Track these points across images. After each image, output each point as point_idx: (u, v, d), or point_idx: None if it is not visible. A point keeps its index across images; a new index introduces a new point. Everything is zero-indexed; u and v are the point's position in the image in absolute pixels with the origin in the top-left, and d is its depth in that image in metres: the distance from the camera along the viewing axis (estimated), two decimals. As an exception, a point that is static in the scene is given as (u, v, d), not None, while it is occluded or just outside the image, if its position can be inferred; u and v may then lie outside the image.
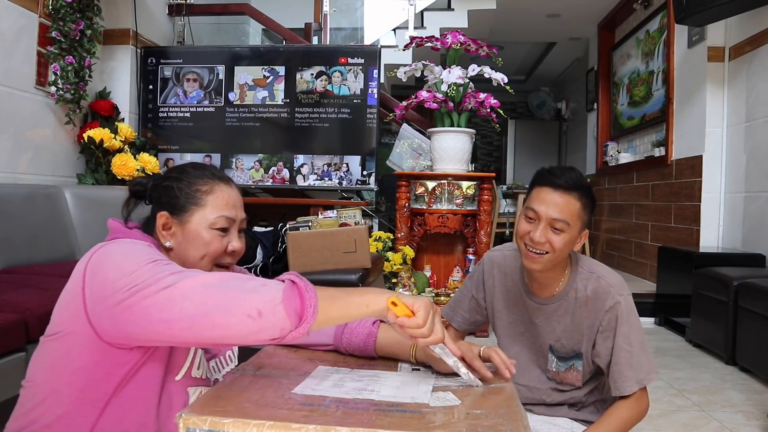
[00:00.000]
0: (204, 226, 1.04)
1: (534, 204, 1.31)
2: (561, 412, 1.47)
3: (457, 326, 1.59)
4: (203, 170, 1.08)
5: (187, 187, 1.05)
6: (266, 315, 0.79)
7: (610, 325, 1.35)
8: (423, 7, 5.12)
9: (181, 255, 1.05)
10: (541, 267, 1.32)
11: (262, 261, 2.76)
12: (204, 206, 1.05)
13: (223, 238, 1.06)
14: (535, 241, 1.29)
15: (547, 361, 1.44)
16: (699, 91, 4.06)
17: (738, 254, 3.60)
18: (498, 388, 0.94)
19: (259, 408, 0.79)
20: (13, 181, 2.98)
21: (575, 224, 1.29)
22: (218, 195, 1.06)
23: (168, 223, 1.05)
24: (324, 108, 3.95)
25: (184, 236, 1.04)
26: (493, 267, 1.51)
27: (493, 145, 9.60)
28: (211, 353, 1.12)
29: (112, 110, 3.72)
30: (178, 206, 1.05)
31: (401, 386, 0.93)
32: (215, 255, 1.05)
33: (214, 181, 1.07)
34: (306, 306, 0.80)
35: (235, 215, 1.07)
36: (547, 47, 7.48)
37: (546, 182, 1.31)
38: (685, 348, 3.46)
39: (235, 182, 1.13)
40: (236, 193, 1.10)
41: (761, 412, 2.37)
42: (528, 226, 1.31)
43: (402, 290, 3.73)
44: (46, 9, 3.20)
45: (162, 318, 0.81)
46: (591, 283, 1.38)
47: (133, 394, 0.94)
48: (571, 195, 1.28)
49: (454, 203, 3.74)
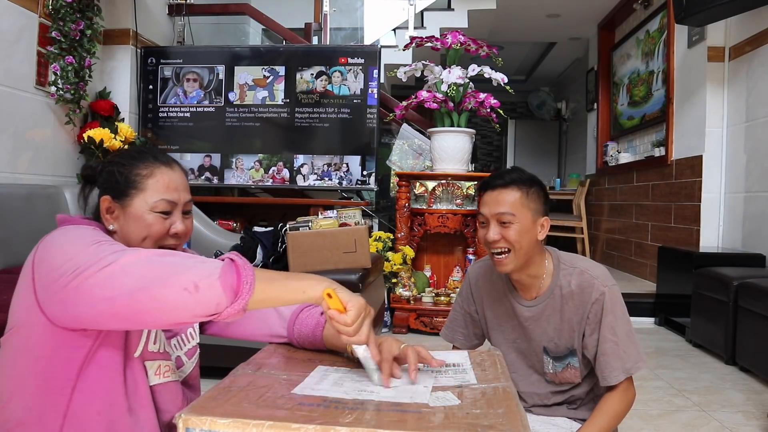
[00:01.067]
0: (145, 209, 1.05)
1: (481, 208, 1.39)
2: (560, 412, 1.47)
3: (461, 346, 1.59)
4: (144, 154, 1.10)
5: (128, 172, 1.07)
6: (203, 289, 0.80)
7: (596, 317, 1.36)
8: (423, 7, 5.12)
9: (124, 238, 1.06)
10: (511, 267, 1.36)
11: (262, 261, 2.76)
12: (144, 190, 1.06)
13: (165, 221, 1.07)
14: (490, 241, 1.35)
15: (543, 364, 1.44)
16: (699, 91, 4.06)
17: (738, 254, 3.60)
18: (497, 388, 0.94)
19: (259, 408, 0.79)
20: (13, 181, 2.98)
21: (521, 213, 1.34)
22: (158, 178, 1.07)
23: (111, 207, 1.07)
24: (324, 108, 3.95)
25: (126, 219, 1.06)
26: (478, 278, 1.54)
27: (493, 145, 9.60)
28: (172, 332, 1.14)
29: (112, 110, 3.72)
30: (120, 190, 1.07)
31: (401, 386, 0.93)
32: (157, 237, 1.06)
33: (155, 165, 1.08)
34: (242, 283, 0.82)
35: (177, 198, 1.08)
36: (547, 47, 7.48)
37: (485, 187, 1.40)
38: (685, 348, 3.46)
39: (180, 164, 1.14)
40: (179, 176, 1.11)
41: (761, 412, 2.37)
42: (483, 230, 1.39)
43: (402, 290, 3.73)
44: (46, 9, 3.20)
45: (104, 296, 0.82)
46: (575, 277, 1.39)
47: (96, 376, 0.96)
48: (509, 188, 1.36)
49: (454, 203, 3.74)
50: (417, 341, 3.53)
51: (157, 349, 1.05)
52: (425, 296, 3.72)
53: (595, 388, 1.48)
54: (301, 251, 2.69)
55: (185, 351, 1.15)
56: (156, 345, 1.05)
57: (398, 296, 3.71)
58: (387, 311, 3.69)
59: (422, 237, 3.90)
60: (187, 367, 1.15)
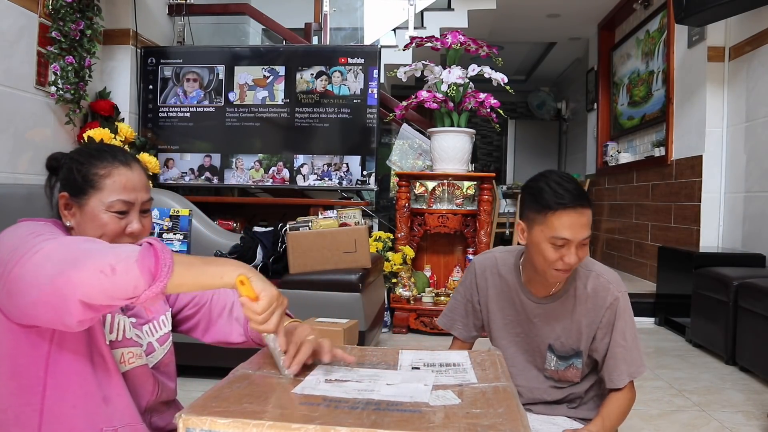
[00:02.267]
0: (101, 208, 1.06)
1: (561, 232, 1.26)
2: (560, 411, 1.47)
3: (460, 335, 1.58)
4: (103, 153, 1.10)
5: (85, 170, 1.07)
6: (120, 272, 0.81)
7: (609, 321, 1.38)
8: (423, 7, 5.12)
9: (81, 235, 1.07)
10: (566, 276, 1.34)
11: (262, 261, 2.76)
12: (101, 189, 1.06)
13: (121, 220, 1.07)
14: (572, 264, 1.28)
15: (545, 361, 1.44)
16: (699, 91, 4.06)
17: (738, 254, 3.60)
18: (498, 388, 0.94)
19: (259, 408, 0.79)
20: (13, 181, 2.98)
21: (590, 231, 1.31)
22: (116, 179, 1.07)
23: (68, 204, 1.08)
24: (324, 108, 3.95)
25: (83, 217, 1.07)
26: (485, 270, 1.52)
27: (493, 145, 9.60)
28: (144, 318, 1.15)
29: (112, 110, 3.72)
30: (77, 188, 1.07)
31: (401, 385, 0.93)
32: (112, 236, 1.06)
33: (113, 165, 1.08)
34: (160, 266, 0.82)
35: (134, 198, 1.09)
36: (547, 47, 7.48)
37: (567, 206, 1.26)
38: (685, 348, 3.46)
39: (140, 163, 1.14)
40: (137, 175, 1.11)
41: (761, 412, 2.37)
42: (557, 252, 1.28)
43: (402, 290, 3.73)
44: (46, 9, 3.20)
45: (33, 283, 0.83)
46: (591, 281, 1.39)
47: (65, 370, 0.96)
48: (586, 207, 1.28)
49: (454, 203, 3.74)
50: (417, 341, 3.53)
51: (115, 337, 1.06)
52: (425, 296, 3.72)
53: (594, 387, 1.48)
54: (301, 251, 2.69)
55: (157, 337, 1.16)
56: (113, 334, 1.06)
57: (398, 296, 3.71)
58: (387, 311, 3.69)
59: (422, 237, 3.90)
60: (158, 353, 1.16)
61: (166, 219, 2.93)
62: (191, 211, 2.96)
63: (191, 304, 1.24)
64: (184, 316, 1.25)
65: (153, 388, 1.10)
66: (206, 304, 1.24)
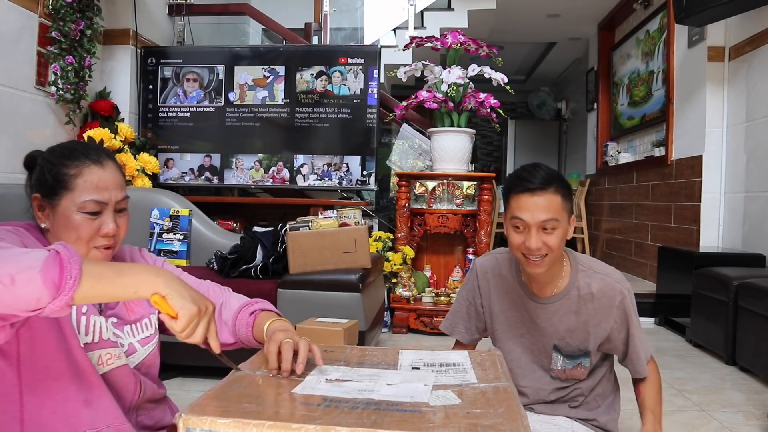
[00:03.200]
0: (73, 209, 1.03)
1: (518, 213, 1.29)
2: (560, 411, 1.47)
3: (462, 338, 1.58)
4: (75, 151, 1.07)
5: (56, 170, 1.05)
6: (20, 282, 0.75)
7: (623, 319, 1.42)
8: (423, 7, 5.12)
9: (56, 236, 1.06)
10: (545, 269, 1.33)
11: (262, 261, 2.76)
12: (72, 189, 1.04)
13: (94, 221, 1.05)
14: (533, 249, 1.28)
15: (551, 361, 1.44)
16: (699, 91, 4.06)
17: (738, 254, 3.60)
18: (498, 388, 0.94)
19: (259, 408, 0.79)
20: (13, 181, 2.98)
21: (563, 217, 1.30)
22: (86, 178, 1.05)
23: (42, 205, 1.06)
24: (324, 108, 3.95)
25: (56, 219, 1.05)
26: (486, 272, 1.51)
27: (493, 145, 9.60)
28: (126, 319, 1.13)
29: (112, 110, 3.72)
30: (49, 188, 1.05)
31: (401, 385, 0.93)
32: (87, 238, 1.04)
33: (83, 163, 1.05)
34: (65, 277, 0.76)
35: (107, 198, 1.06)
36: (547, 47, 7.48)
37: (521, 189, 1.30)
38: (685, 348, 3.46)
39: (115, 160, 1.11)
40: (110, 174, 1.08)
41: (761, 412, 2.37)
42: (520, 236, 1.30)
43: (402, 290, 3.72)
44: (46, 9, 3.20)
45: None
46: (595, 281, 1.39)
47: (40, 375, 0.96)
48: (549, 191, 1.28)
49: (454, 203, 3.74)
50: (417, 341, 3.53)
51: (91, 339, 1.05)
52: (425, 296, 3.72)
53: (598, 386, 1.48)
54: (301, 251, 2.68)
55: (139, 339, 1.14)
56: (89, 336, 1.05)
57: (398, 296, 3.71)
58: (387, 311, 3.68)
59: (422, 237, 3.90)
60: (140, 354, 1.14)
61: (166, 219, 2.93)
62: (191, 211, 2.96)
63: None
64: None
65: (135, 388, 1.09)
66: None
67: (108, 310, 1.11)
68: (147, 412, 1.14)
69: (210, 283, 1.27)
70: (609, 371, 1.51)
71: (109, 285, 0.82)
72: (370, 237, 3.62)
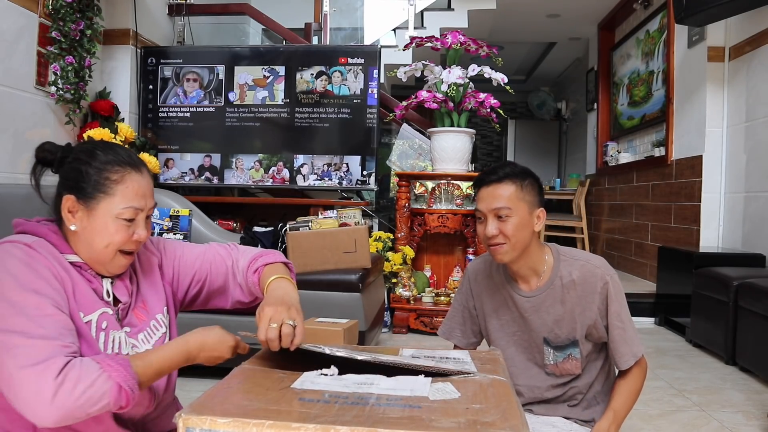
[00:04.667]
0: (111, 215, 1.03)
1: (478, 204, 1.41)
2: (560, 411, 1.47)
3: (459, 342, 1.60)
4: (114, 155, 1.06)
5: (97, 174, 1.03)
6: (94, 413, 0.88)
7: (603, 305, 1.41)
8: (423, 7, 5.12)
9: (86, 239, 1.04)
10: (508, 257, 1.38)
11: (262, 261, 2.76)
12: (113, 195, 1.03)
13: (128, 228, 1.05)
14: (489, 236, 1.37)
15: (543, 356, 1.45)
16: (699, 91, 4.06)
17: (738, 254, 3.59)
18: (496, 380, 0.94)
19: (259, 406, 0.79)
20: (13, 181, 2.98)
21: (518, 206, 1.37)
22: (128, 185, 1.04)
23: (74, 207, 1.04)
24: (324, 108, 3.95)
25: (90, 223, 1.03)
26: (476, 274, 1.55)
27: (493, 145, 9.61)
28: (138, 326, 1.12)
29: (112, 110, 3.72)
30: (86, 192, 1.03)
31: (400, 378, 0.93)
32: (120, 244, 1.05)
33: (125, 170, 1.05)
34: (131, 399, 0.91)
35: (143, 205, 1.07)
36: (547, 47, 7.47)
37: (480, 183, 1.42)
38: (685, 348, 3.45)
39: (147, 167, 1.11)
40: (147, 181, 1.09)
41: (761, 412, 2.37)
42: (481, 226, 1.40)
43: (402, 290, 3.72)
44: (46, 9, 3.20)
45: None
46: (576, 268, 1.42)
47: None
48: (503, 183, 1.38)
49: (454, 203, 3.74)
50: (417, 341, 3.53)
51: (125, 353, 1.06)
52: (425, 296, 3.72)
53: (596, 384, 1.48)
54: (301, 251, 2.69)
55: (153, 342, 1.14)
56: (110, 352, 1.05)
57: (398, 296, 3.71)
58: (387, 311, 3.68)
59: (422, 237, 3.90)
60: None
61: (166, 219, 2.93)
62: (191, 211, 2.96)
63: (193, 283, 1.24)
64: (193, 295, 1.25)
65: (149, 403, 1.08)
66: (207, 276, 1.24)
67: (123, 319, 1.10)
68: (154, 421, 1.13)
69: (216, 246, 1.28)
70: (605, 367, 1.51)
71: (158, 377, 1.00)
72: (370, 237, 3.62)
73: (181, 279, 1.23)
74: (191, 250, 1.26)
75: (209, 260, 1.25)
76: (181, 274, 1.23)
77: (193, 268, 1.23)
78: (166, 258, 1.22)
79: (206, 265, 1.24)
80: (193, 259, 1.24)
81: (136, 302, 1.13)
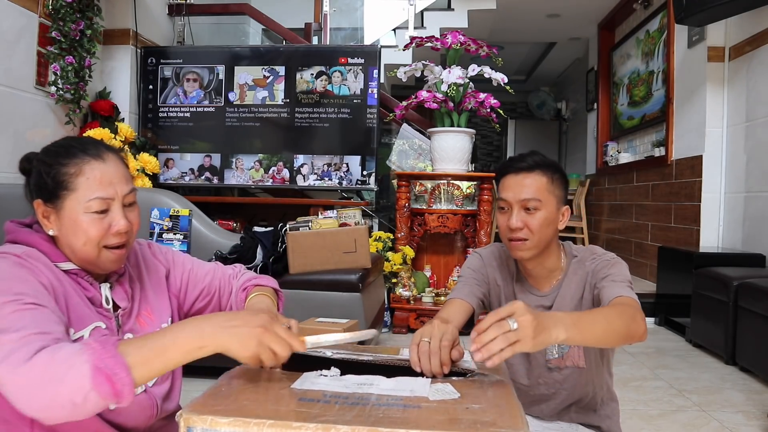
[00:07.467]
0: (79, 210, 0.97)
1: (502, 193, 1.30)
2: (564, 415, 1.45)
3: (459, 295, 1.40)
4: (71, 149, 1.00)
5: (54, 171, 0.98)
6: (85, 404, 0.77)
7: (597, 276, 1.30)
8: (423, 7, 5.12)
9: (66, 242, 0.99)
10: (528, 254, 1.29)
11: (262, 261, 2.76)
12: (75, 190, 0.97)
13: (102, 220, 0.98)
14: (513, 228, 1.26)
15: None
16: (699, 91, 4.06)
17: (738, 254, 3.59)
18: (497, 382, 0.94)
19: (260, 406, 0.79)
20: (13, 181, 2.98)
21: (547, 200, 1.27)
22: (89, 175, 0.97)
23: (46, 212, 0.99)
24: (324, 108, 3.95)
25: (63, 223, 0.98)
26: (490, 258, 1.46)
27: (493, 145, 9.60)
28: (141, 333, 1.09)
29: (112, 110, 3.72)
30: (50, 192, 0.98)
31: (400, 378, 0.93)
32: (97, 239, 0.98)
33: (83, 160, 0.98)
34: (117, 387, 0.78)
35: (112, 193, 0.99)
36: (547, 47, 7.48)
37: (508, 170, 1.30)
38: (685, 348, 3.46)
39: (116, 152, 1.04)
40: (113, 167, 1.01)
41: (761, 412, 2.37)
42: (504, 217, 1.30)
43: (402, 290, 3.72)
44: (46, 9, 3.20)
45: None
46: (585, 258, 1.36)
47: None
48: (535, 172, 1.28)
49: (454, 203, 3.74)
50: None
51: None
52: (425, 296, 3.72)
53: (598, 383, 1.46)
54: (301, 251, 2.68)
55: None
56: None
57: (398, 296, 3.71)
58: (387, 311, 3.68)
59: (422, 237, 3.90)
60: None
61: (166, 219, 2.93)
62: (191, 211, 2.96)
63: (201, 297, 1.22)
64: (198, 309, 1.23)
65: (152, 413, 1.05)
66: (215, 292, 1.23)
67: (124, 325, 1.07)
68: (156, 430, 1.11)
69: (223, 267, 1.27)
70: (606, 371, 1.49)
71: (160, 364, 0.83)
72: (370, 237, 3.62)
73: (189, 292, 1.21)
74: (201, 265, 1.24)
75: (218, 277, 1.24)
76: (189, 287, 1.21)
77: (203, 283, 1.22)
78: (175, 269, 1.20)
79: (215, 282, 1.23)
80: (203, 274, 1.23)
81: (140, 308, 1.10)
